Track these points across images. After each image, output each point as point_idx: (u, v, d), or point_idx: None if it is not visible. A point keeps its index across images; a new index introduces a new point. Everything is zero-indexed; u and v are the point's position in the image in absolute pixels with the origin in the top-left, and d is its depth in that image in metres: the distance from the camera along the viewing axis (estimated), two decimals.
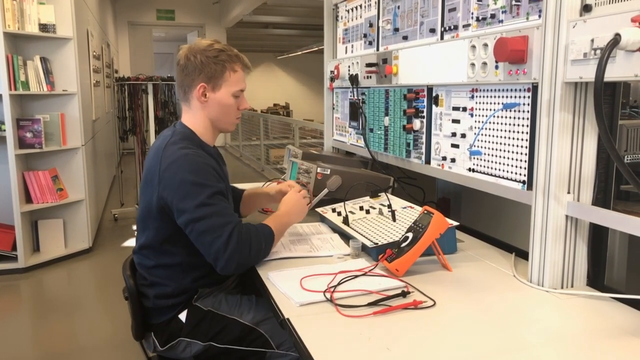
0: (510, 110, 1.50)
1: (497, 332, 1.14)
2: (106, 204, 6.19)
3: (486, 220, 1.97)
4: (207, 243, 1.47)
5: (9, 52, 3.79)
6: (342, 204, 1.90)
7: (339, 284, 1.36)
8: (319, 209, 1.99)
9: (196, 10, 11.26)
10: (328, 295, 1.29)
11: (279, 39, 13.79)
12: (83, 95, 4.45)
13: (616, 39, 1.06)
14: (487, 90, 1.59)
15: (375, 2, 2.27)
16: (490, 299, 1.33)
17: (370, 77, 2.25)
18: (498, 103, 1.55)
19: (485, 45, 1.54)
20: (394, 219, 1.75)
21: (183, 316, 1.60)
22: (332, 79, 2.67)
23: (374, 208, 1.90)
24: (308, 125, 8.04)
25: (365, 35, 2.38)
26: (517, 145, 1.48)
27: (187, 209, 1.48)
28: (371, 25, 2.32)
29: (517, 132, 1.48)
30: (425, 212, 1.49)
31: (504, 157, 1.54)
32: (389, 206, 1.81)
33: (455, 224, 1.63)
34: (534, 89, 1.40)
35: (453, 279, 1.45)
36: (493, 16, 1.56)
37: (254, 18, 10.15)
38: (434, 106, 1.87)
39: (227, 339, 1.57)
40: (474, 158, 1.67)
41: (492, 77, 1.53)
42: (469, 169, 1.69)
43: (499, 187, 1.57)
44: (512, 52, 1.38)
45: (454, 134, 1.75)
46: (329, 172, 2.13)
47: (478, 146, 1.64)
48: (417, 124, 1.95)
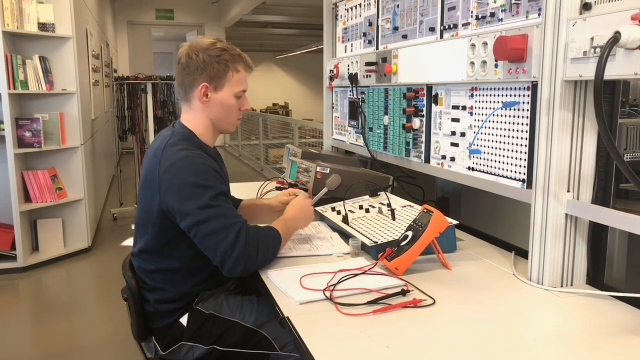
0: (510, 109, 1.50)
1: (497, 331, 1.14)
2: (105, 203, 6.19)
3: (486, 219, 1.97)
4: (212, 246, 1.44)
5: (8, 52, 3.78)
6: (342, 203, 1.90)
7: (339, 282, 1.36)
8: (318, 208, 1.99)
9: (195, 10, 11.26)
10: (328, 294, 1.29)
11: (278, 38, 13.79)
12: (82, 95, 4.45)
13: (616, 37, 1.06)
14: (487, 89, 1.59)
15: (375, 1, 2.26)
16: (490, 297, 1.33)
17: (370, 76, 2.25)
18: (498, 102, 1.55)
19: (485, 44, 1.54)
20: (393, 218, 1.75)
21: (184, 320, 1.58)
22: (332, 78, 2.66)
23: (373, 207, 1.90)
24: (307, 124, 8.05)
25: (364, 35, 2.38)
26: (517, 144, 1.48)
27: (190, 212, 1.45)
28: (371, 24, 2.32)
29: (517, 130, 1.48)
30: (425, 211, 1.49)
31: (503, 156, 1.54)
32: (389, 205, 1.81)
33: (455, 222, 1.63)
34: (534, 87, 1.40)
35: (453, 278, 1.45)
36: (493, 15, 1.56)
37: (254, 18, 10.15)
38: (433, 105, 1.87)
39: (230, 342, 1.54)
40: (473, 157, 1.67)
41: (491, 76, 1.53)
42: (469, 168, 1.69)
43: (498, 186, 1.57)
44: (512, 51, 1.38)
45: (453, 133, 1.75)
46: (328, 171, 2.13)
47: (478, 145, 1.64)
48: (416, 123, 1.95)
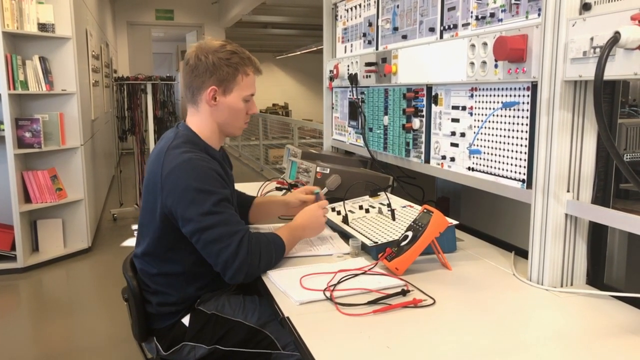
0: (509, 109, 1.50)
1: (496, 331, 1.15)
2: (105, 203, 6.19)
3: (486, 219, 1.97)
4: (214, 253, 1.44)
5: (7, 52, 3.78)
6: (342, 203, 1.90)
7: (339, 282, 1.36)
8: None
9: (195, 10, 11.25)
10: (328, 294, 1.29)
11: (278, 38, 13.78)
12: (82, 95, 4.45)
13: (616, 37, 1.06)
14: (487, 89, 1.59)
15: (375, 2, 2.26)
16: (490, 297, 1.33)
17: (370, 76, 2.25)
18: (497, 102, 1.55)
19: (485, 44, 1.54)
20: (393, 218, 1.75)
21: (186, 320, 1.57)
22: (332, 79, 2.66)
23: (373, 207, 1.90)
24: (307, 125, 8.04)
25: (364, 35, 2.38)
26: (517, 144, 1.48)
27: (192, 218, 1.44)
28: (370, 24, 2.32)
29: (517, 130, 1.48)
30: (425, 211, 1.49)
31: (503, 156, 1.54)
32: (389, 205, 1.81)
33: (455, 222, 1.63)
34: (534, 87, 1.40)
35: (453, 278, 1.45)
36: (492, 15, 1.56)
37: (253, 18, 10.14)
38: (433, 105, 1.87)
39: (232, 341, 1.54)
40: (473, 157, 1.67)
41: (491, 76, 1.53)
42: (469, 168, 1.69)
43: (498, 186, 1.57)
44: (512, 51, 1.38)
45: (453, 133, 1.75)
46: (328, 171, 2.14)
47: (477, 145, 1.64)
48: (416, 123, 1.95)
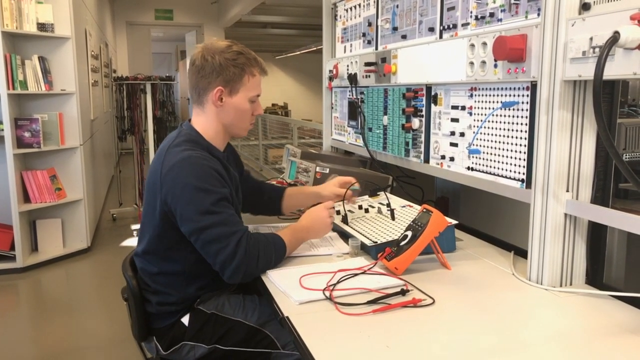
0: (509, 109, 1.50)
1: (496, 330, 1.15)
2: (104, 203, 6.19)
3: (485, 218, 1.97)
4: (213, 253, 1.44)
5: (7, 52, 3.78)
6: (341, 202, 1.90)
7: (338, 282, 1.36)
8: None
9: (194, 10, 11.25)
10: (327, 293, 1.29)
11: (277, 38, 13.77)
12: (81, 95, 4.45)
13: (615, 37, 1.06)
14: (486, 88, 1.59)
15: (374, 1, 2.26)
16: (489, 297, 1.33)
17: (369, 76, 2.25)
18: (497, 102, 1.55)
19: (484, 43, 1.54)
20: (393, 218, 1.75)
21: (186, 320, 1.57)
22: (331, 78, 2.67)
23: (373, 207, 1.90)
24: (307, 125, 8.03)
25: (364, 35, 2.38)
26: (516, 144, 1.48)
27: (191, 217, 1.44)
28: (370, 24, 2.32)
29: (516, 130, 1.48)
30: (424, 210, 1.49)
31: (502, 156, 1.54)
32: (388, 205, 1.81)
33: (454, 222, 1.63)
34: (533, 87, 1.40)
35: (452, 278, 1.46)
36: (492, 15, 1.56)
37: (253, 18, 10.13)
38: (432, 105, 1.87)
39: (232, 341, 1.54)
40: (472, 157, 1.67)
41: (491, 76, 1.53)
42: (468, 168, 1.70)
43: (497, 186, 1.57)
44: (511, 51, 1.38)
45: (452, 133, 1.75)
46: (327, 171, 2.14)
47: (477, 145, 1.64)
48: (416, 123, 1.95)
